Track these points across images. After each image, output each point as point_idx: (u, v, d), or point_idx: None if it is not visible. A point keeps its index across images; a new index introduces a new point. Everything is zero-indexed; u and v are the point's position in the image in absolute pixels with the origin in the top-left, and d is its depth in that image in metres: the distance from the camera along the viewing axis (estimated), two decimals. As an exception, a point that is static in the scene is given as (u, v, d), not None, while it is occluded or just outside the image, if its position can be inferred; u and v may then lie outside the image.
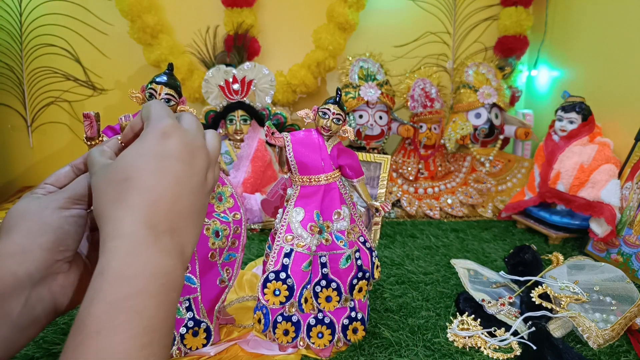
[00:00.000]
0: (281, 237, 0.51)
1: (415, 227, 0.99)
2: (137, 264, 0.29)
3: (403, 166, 1.13)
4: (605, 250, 0.80)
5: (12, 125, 1.26)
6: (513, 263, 0.72)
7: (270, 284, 0.49)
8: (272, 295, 0.49)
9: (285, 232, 0.50)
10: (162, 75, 0.48)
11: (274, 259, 0.50)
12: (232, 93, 1.03)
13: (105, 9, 1.23)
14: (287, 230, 0.50)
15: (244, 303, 0.65)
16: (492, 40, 1.33)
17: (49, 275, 0.36)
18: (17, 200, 1.25)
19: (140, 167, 0.32)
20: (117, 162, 0.33)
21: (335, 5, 1.20)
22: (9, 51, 1.23)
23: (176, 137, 0.33)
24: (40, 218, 0.35)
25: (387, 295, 0.67)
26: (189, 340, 0.51)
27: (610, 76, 1.00)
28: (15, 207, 0.36)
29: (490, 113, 1.12)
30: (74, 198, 0.37)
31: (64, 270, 0.37)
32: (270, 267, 0.50)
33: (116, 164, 0.33)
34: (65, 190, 0.37)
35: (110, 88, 1.29)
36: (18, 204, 0.36)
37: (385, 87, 1.08)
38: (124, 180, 0.31)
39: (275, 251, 0.50)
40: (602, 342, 0.53)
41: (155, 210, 0.31)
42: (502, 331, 0.56)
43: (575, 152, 0.91)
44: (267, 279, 0.50)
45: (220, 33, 1.22)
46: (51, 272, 0.36)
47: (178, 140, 0.33)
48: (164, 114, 0.35)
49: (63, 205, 0.36)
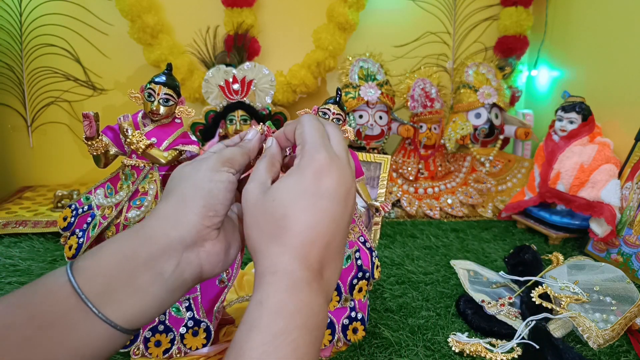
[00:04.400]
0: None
1: (415, 227, 0.99)
2: (296, 301, 0.31)
3: (403, 166, 1.13)
4: (605, 250, 0.80)
5: (12, 125, 1.26)
6: (513, 263, 0.72)
7: (270, 284, 0.49)
8: (272, 295, 0.49)
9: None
10: (161, 75, 0.48)
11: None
12: (232, 93, 1.03)
13: (105, 9, 1.23)
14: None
15: (244, 303, 0.65)
16: (492, 40, 1.33)
17: (198, 240, 0.36)
18: (17, 200, 1.23)
19: (298, 205, 0.33)
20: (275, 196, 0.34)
21: (335, 5, 1.20)
22: (9, 51, 1.23)
23: (331, 177, 0.34)
24: (194, 182, 0.36)
25: (387, 295, 0.67)
26: (188, 340, 0.51)
27: (610, 76, 1.00)
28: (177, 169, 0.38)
29: (490, 113, 1.12)
30: (222, 160, 0.38)
31: (212, 238, 0.37)
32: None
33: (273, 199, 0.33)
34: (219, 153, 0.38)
35: (110, 88, 1.29)
36: (180, 166, 0.38)
37: (385, 87, 1.08)
38: (282, 218, 0.32)
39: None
40: (602, 342, 0.53)
41: (311, 250, 0.32)
42: (498, 342, 0.56)
43: (575, 152, 0.91)
44: (267, 279, 0.50)
45: (220, 33, 1.22)
46: (200, 238, 0.36)
47: (333, 180, 0.34)
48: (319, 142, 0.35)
49: (213, 167, 0.37)
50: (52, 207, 1.01)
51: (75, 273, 0.33)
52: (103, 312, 0.32)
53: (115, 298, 0.33)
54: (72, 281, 0.32)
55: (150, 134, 0.48)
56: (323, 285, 0.33)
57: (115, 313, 0.33)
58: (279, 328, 0.29)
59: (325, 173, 0.34)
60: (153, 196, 0.48)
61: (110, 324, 0.33)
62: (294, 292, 0.31)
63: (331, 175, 0.34)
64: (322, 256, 0.33)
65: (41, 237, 0.92)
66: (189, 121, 1.09)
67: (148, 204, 0.48)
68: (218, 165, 0.37)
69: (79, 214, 0.51)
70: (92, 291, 0.32)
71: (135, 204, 0.48)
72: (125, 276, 0.34)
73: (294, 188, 0.33)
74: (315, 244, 0.32)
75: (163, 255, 0.35)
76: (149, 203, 0.48)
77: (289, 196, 0.33)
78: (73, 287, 0.32)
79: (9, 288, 0.69)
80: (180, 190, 0.36)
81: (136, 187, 0.49)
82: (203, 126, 1.09)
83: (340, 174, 0.34)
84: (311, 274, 0.32)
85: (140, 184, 0.49)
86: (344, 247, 0.37)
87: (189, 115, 0.50)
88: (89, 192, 0.51)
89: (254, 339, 0.29)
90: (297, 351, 0.29)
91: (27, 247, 0.87)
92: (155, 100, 0.47)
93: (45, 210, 1.01)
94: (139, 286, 0.34)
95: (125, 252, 0.34)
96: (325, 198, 0.33)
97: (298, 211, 0.32)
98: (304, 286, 0.31)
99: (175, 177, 0.38)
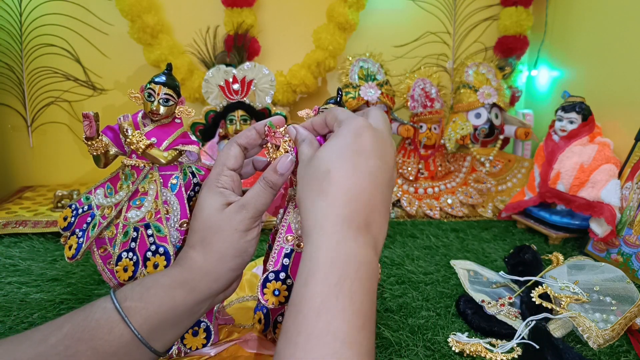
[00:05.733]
0: (281, 238, 0.50)
1: (415, 227, 0.99)
2: (345, 253, 0.32)
3: (403, 166, 1.13)
4: (605, 250, 0.80)
5: (12, 125, 1.26)
6: (513, 263, 0.72)
7: (270, 284, 0.49)
8: (271, 295, 0.49)
9: (285, 232, 0.50)
10: (161, 75, 0.48)
11: (274, 259, 0.50)
12: (232, 93, 1.03)
13: (105, 9, 1.23)
14: (288, 230, 0.50)
15: (244, 303, 0.65)
16: (492, 40, 1.33)
17: (230, 285, 0.45)
18: (17, 200, 1.22)
19: (340, 161, 0.35)
20: (320, 155, 0.36)
21: (335, 5, 1.20)
22: (9, 51, 1.23)
23: (368, 135, 0.36)
24: (231, 243, 0.42)
25: (387, 295, 0.67)
26: (188, 340, 0.51)
27: (610, 76, 1.00)
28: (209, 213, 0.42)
29: (490, 113, 1.12)
30: (256, 217, 0.43)
31: (238, 279, 0.46)
32: (270, 267, 0.50)
33: (318, 158, 0.36)
34: (248, 204, 0.42)
35: (110, 88, 1.29)
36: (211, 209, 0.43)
37: (385, 87, 1.08)
38: (326, 173, 0.35)
39: (276, 251, 0.50)
40: (602, 342, 0.53)
41: (355, 204, 0.34)
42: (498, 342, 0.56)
43: (575, 152, 0.91)
44: (267, 279, 0.50)
45: (220, 33, 1.22)
46: (231, 283, 0.45)
47: (371, 137, 0.36)
48: (352, 114, 0.39)
49: (248, 227, 0.42)
50: (52, 207, 1.01)
51: (128, 313, 0.39)
52: (152, 346, 0.40)
53: (162, 334, 0.40)
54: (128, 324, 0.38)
55: (150, 134, 0.48)
56: (370, 239, 0.34)
57: (159, 344, 0.41)
58: (334, 278, 0.31)
59: (363, 132, 0.36)
60: (153, 197, 0.48)
61: (156, 353, 0.41)
62: (341, 245, 0.32)
63: (368, 134, 0.36)
64: (365, 210, 0.34)
65: (41, 237, 0.92)
66: (189, 121, 1.09)
67: (148, 204, 0.48)
68: (252, 223, 0.43)
69: (79, 213, 0.51)
70: (144, 331, 0.39)
71: (135, 204, 0.48)
72: (172, 321, 0.41)
73: (336, 146, 0.36)
74: (359, 198, 0.34)
75: (203, 302, 0.42)
76: (149, 203, 0.48)
77: (332, 154, 0.35)
78: (128, 327, 0.38)
79: (9, 288, 0.69)
80: (218, 247, 0.42)
81: (136, 187, 0.49)
82: (203, 126, 1.09)
83: (377, 134, 0.37)
84: (357, 227, 0.33)
85: (140, 184, 0.49)
86: (388, 207, 0.37)
87: (189, 115, 0.50)
88: (89, 192, 0.51)
89: (310, 293, 0.30)
90: (353, 299, 0.30)
91: (27, 247, 0.87)
92: (155, 100, 0.47)
93: (45, 210, 1.01)
94: (180, 325, 0.42)
95: (174, 303, 0.40)
96: (364, 154, 0.35)
97: (340, 167, 0.34)
98: (351, 239, 0.33)
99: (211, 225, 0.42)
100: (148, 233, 0.48)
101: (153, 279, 0.42)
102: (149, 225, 0.48)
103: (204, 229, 0.42)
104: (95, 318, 0.38)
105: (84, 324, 0.38)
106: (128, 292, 0.41)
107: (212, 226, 0.42)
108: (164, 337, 0.41)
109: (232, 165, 0.44)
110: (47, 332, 0.37)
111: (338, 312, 0.29)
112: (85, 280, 0.72)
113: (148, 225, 0.48)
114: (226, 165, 0.44)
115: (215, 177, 0.44)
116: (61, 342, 0.36)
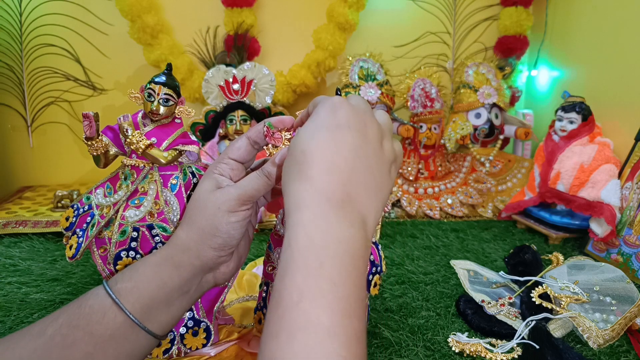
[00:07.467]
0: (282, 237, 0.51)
1: (415, 227, 0.99)
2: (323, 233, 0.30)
3: (403, 166, 1.13)
4: (605, 250, 0.80)
5: (12, 125, 1.26)
6: (513, 263, 0.72)
7: (270, 284, 0.49)
8: (272, 296, 0.49)
9: (285, 232, 0.50)
10: (161, 76, 0.48)
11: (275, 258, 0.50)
12: (232, 93, 1.03)
13: (105, 9, 1.23)
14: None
15: (244, 303, 0.65)
16: (492, 40, 1.33)
17: (215, 266, 0.44)
18: (17, 200, 1.23)
19: (315, 139, 0.33)
20: (296, 138, 0.35)
21: (335, 5, 1.20)
22: (9, 51, 1.23)
23: (344, 110, 0.35)
24: (213, 222, 0.41)
25: (387, 295, 0.67)
26: (188, 340, 0.51)
27: (610, 76, 1.00)
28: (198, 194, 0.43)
29: (490, 113, 1.12)
30: (243, 199, 0.42)
31: (226, 261, 0.45)
32: (270, 267, 0.50)
33: (295, 141, 0.35)
34: (237, 187, 0.42)
35: (110, 88, 1.29)
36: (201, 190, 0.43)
37: (385, 87, 1.08)
38: (301, 153, 0.33)
39: (277, 251, 0.50)
40: (602, 342, 0.53)
41: (331, 180, 0.32)
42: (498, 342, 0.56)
43: (575, 152, 0.91)
44: (267, 279, 0.50)
45: (220, 33, 1.22)
46: (216, 264, 0.44)
47: (347, 111, 0.35)
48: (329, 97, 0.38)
49: (233, 209, 0.41)
50: (52, 207, 1.01)
51: (119, 295, 0.39)
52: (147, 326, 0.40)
53: (155, 314, 0.41)
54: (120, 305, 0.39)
55: (150, 134, 0.48)
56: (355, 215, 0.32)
57: (154, 325, 0.41)
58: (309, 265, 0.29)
59: (338, 108, 0.35)
60: (153, 197, 0.48)
61: (152, 334, 0.41)
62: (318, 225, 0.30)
63: (345, 109, 0.35)
64: (347, 186, 0.32)
65: (41, 237, 0.92)
66: (189, 121, 1.09)
67: (147, 204, 0.48)
68: (237, 206, 0.41)
69: (80, 213, 0.51)
70: (137, 311, 0.39)
71: (134, 203, 0.48)
72: (162, 298, 0.41)
73: (310, 126, 0.35)
74: (335, 173, 0.32)
75: (190, 280, 0.42)
76: (149, 203, 0.48)
77: (307, 133, 0.34)
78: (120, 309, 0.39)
79: (9, 288, 0.69)
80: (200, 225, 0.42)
81: (135, 187, 0.49)
82: (203, 126, 1.09)
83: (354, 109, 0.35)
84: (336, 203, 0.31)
85: (139, 183, 0.49)
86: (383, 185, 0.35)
87: (189, 115, 0.50)
88: (90, 192, 0.51)
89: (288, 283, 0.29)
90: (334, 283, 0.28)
91: (27, 247, 0.87)
92: (155, 100, 0.47)
93: (45, 210, 1.01)
94: (172, 304, 0.42)
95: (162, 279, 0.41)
96: (341, 128, 0.34)
97: (315, 145, 0.33)
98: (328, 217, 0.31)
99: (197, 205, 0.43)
100: (152, 233, 0.48)
101: (142, 260, 0.43)
102: (152, 226, 0.48)
103: (191, 208, 0.43)
104: (89, 304, 0.39)
105: (78, 312, 0.39)
106: (119, 276, 0.42)
107: (198, 205, 0.42)
108: (158, 317, 0.41)
109: (235, 155, 0.44)
110: (44, 325, 0.38)
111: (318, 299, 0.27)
112: (85, 280, 0.72)
113: (151, 226, 0.48)
114: (228, 154, 0.44)
115: (214, 164, 0.44)
116: (58, 332, 0.37)
